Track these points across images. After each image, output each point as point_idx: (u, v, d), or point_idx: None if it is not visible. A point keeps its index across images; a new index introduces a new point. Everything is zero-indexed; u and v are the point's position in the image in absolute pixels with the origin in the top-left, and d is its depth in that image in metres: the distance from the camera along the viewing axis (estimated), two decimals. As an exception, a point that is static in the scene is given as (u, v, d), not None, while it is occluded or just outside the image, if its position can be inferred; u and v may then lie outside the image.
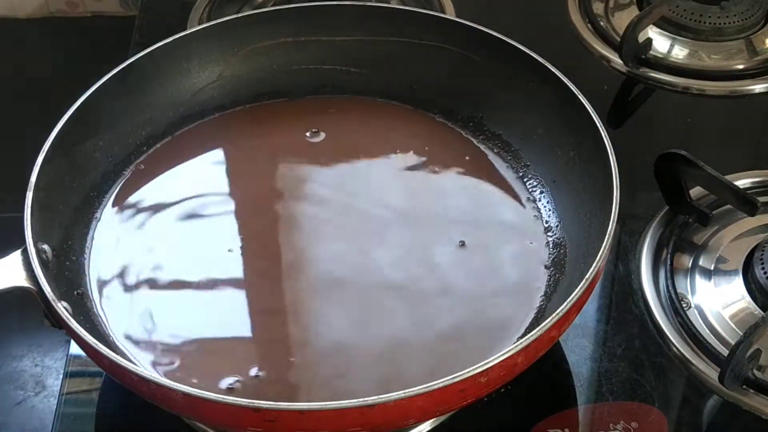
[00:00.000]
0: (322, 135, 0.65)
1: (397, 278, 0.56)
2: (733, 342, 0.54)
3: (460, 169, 0.63)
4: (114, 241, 0.58)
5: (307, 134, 0.65)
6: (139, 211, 0.60)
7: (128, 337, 0.53)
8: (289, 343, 0.53)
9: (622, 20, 0.78)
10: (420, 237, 0.58)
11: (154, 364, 0.52)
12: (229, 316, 0.55)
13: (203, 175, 0.63)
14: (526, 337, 0.46)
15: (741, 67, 0.75)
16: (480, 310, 0.54)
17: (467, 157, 0.63)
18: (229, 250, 0.58)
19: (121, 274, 0.56)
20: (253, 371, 0.51)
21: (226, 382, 0.51)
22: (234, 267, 0.57)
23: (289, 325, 0.54)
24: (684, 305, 0.58)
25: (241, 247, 0.58)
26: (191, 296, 0.56)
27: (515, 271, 0.56)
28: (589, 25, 0.79)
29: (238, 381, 0.51)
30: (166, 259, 0.57)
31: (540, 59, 0.60)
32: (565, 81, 0.58)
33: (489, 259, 0.57)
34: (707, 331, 0.57)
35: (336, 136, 0.65)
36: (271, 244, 0.58)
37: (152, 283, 0.56)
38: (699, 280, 0.60)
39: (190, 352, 0.53)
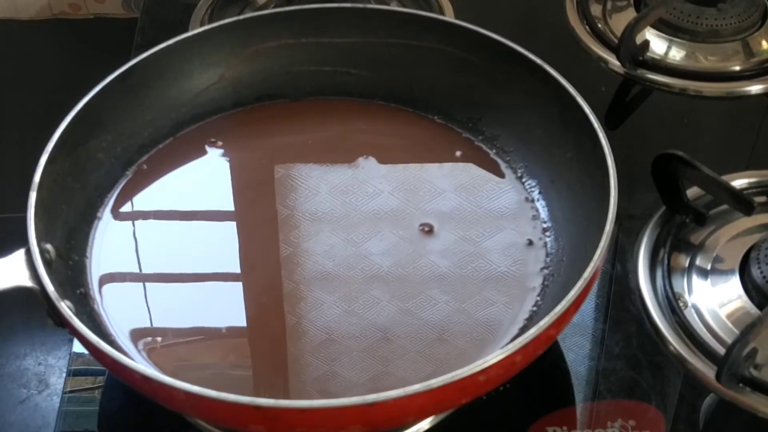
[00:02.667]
0: (322, 136, 0.65)
1: (391, 275, 0.56)
2: (729, 341, 0.54)
3: (459, 169, 0.63)
4: (116, 241, 0.58)
5: (307, 135, 0.65)
6: (142, 211, 0.60)
7: (130, 336, 0.53)
8: (286, 335, 0.54)
9: (619, 22, 0.78)
10: (418, 236, 0.59)
11: (156, 362, 0.52)
12: (231, 314, 0.55)
13: (205, 175, 0.63)
14: (525, 336, 0.46)
15: (738, 68, 0.75)
16: (476, 308, 0.55)
17: (466, 158, 0.63)
18: (229, 250, 0.58)
19: (123, 273, 0.57)
20: (253, 367, 0.52)
21: (227, 378, 0.51)
22: (235, 266, 0.58)
23: (286, 318, 0.55)
24: (681, 304, 0.58)
25: (241, 247, 0.59)
26: (193, 295, 0.56)
27: (513, 270, 0.57)
28: (586, 26, 0.79)
29: (238, 377, 0.51)
30: (168, 258, 0.58)
31: (538, 61, 0.60)
32: (563, 82, 0.58)
33: (486, 257, 0.57)
34: (704, 330, 0.57)
35: (336, 138, 0.65)
36: (269, 243, 0.59)
37: (154, 282, 0.56)
38: (696, 279, 0.60)
39: (192, 350, 0.53)
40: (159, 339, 0.53)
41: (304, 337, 0.54)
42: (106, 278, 0.56)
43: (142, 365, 0.46)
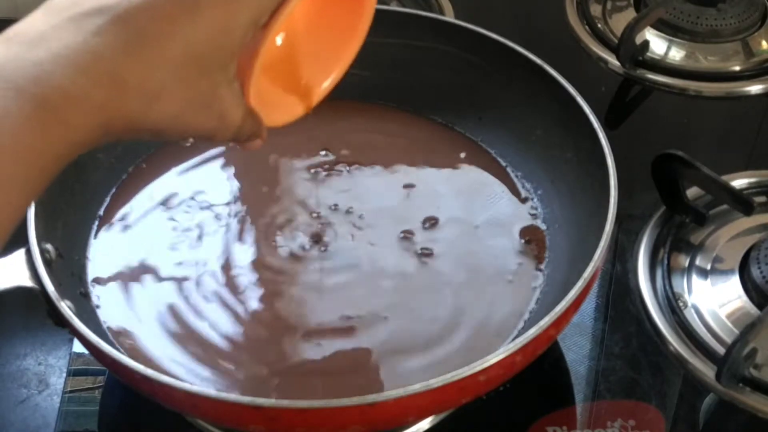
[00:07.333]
0: (323, 137, 0.65)
1: (392, 275, 0.56)
2: (729, 341, 0.54)
3: (460, 169, 0.63)
4: (116, 240, 0.58)
5: (307, 136, 0.65)
6: (141, 210, 0.60)
7: (131, 336, 0.53)
8: (288, 335, 0.54)
9: (619, 22, 0.78)
10: (420, 236, 0.59)
11: (157, 363, 0.52)
12: (232, 315, 0.55)
13: (205, 175, 0.63)
14: (525, 335, 0.46)
15: (737, 68, 0.76)
16: (476, 309, 0.55)
17: (467, 158, 0.63)
18: (231, 250, 0.58)
19: (124, 273, 0.56)
20: (255, 366, 0.52)
21: (228, 378, 0.51)
22: (235, 267, 0.57)
23: (286, 317, 0.55)
24: (681, 304, 0.58)
25: (242, 246, 0.59)
26: (194, 294, 0.56)
27: (513, 270, 0.57)
28: (586, 27, 0.80)
29: (239, 376, 0.51)
30: (168, 258, 0.57)
31: (538, 61, 0.60)
32: (563, 82, 0.58)
33: (486, 257, 0.57)
34: (704, 330, 0.57)
35: (336, 140, 0.65)
36: (269, 243, 0.59)
37: (154, 282, 0.56)
38: (696, 279, 0.60)
39: (193, 350, 0.53)
40: (159, 339, 0.53)
41: (306, 338, 0.53)
42: (106, 278, 0.56)
43: (142, 365, 0.45)
